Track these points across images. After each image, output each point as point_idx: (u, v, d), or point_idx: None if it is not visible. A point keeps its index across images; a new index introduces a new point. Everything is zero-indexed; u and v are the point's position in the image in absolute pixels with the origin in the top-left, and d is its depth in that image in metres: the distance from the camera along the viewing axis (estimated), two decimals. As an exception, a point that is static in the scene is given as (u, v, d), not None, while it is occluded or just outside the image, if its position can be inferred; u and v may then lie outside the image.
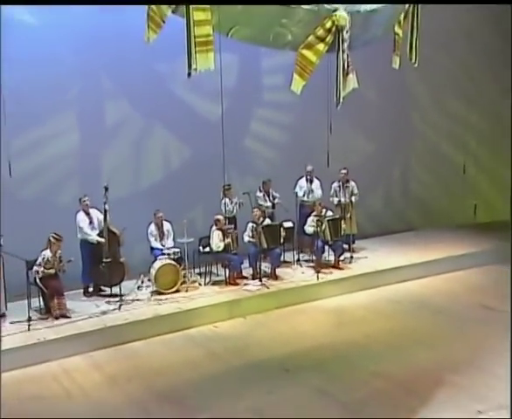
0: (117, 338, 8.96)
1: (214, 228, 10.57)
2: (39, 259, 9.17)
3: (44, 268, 9.19)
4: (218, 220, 10.58)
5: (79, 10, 10.04)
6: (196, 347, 8.86)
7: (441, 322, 9.32)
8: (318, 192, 11.71)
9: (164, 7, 5.83)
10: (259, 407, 6.98)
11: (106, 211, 9.79)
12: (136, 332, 9.12)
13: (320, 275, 10.79)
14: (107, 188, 9.67)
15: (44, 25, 10.13)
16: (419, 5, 7.24)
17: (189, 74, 5.88)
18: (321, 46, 6.13)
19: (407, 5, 7.08)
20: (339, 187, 11.76)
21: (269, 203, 11.36)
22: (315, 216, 11.19)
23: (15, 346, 8.48)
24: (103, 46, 10.32)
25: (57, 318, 9.22)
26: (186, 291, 10.28)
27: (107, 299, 10.00)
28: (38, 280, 9.19)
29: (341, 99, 6.44)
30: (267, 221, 10.98)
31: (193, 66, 5.87)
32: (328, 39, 6.10)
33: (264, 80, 12.19)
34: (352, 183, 11.76)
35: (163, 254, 10.33)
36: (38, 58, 9.97)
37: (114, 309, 9.62)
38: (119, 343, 8.89)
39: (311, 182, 11.69)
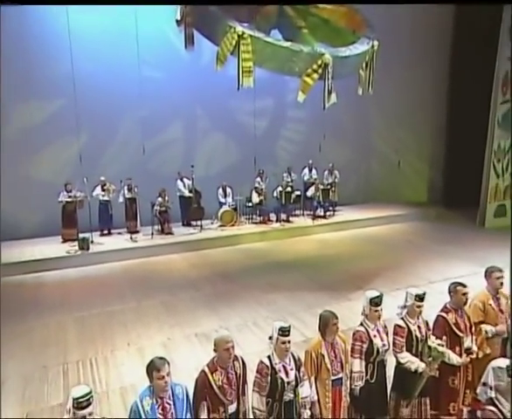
0: (198, 246, 9.18)
1: (253, 191, 10.56)
2: (157, 201, 9.33)
3: (160, 206, 9.38)
4: (255, 187, 10.56)
5: (186, 67, 10.02)
6: (241, 253, 9.03)
7: (382, 248, 9.21)
8: (314, 176, 11.33)
9: (226, 50, 5.88)
10: (273, 282, 7.21)
11: (193, 179, 9.82)
12: (208, 244, 9.28)
13: (314, 221, 10.69)
14: (192, 166, 9.77)
15: (168, 79, 10.11)
16: (375, 57, 6.96)
17: (238, 88, 5.94)
18: (315, 75, 6.05)
19: (368, 57, 6.85)
20: (328, 173, 11.49)
21: (290, 180, 10.95)
22: (315, 187, 10.99)
23: (145, 246, 8.93)
24: (196, 89, 10.14)
25: (166, 234, 9.48)
26: (238, 225, 10.27)
27: (194, 227, 10.09)
28: (156, 213, 9.40)
29: (326, 107, 6.41)
30: (288, 189, 10.70)
31: (241, 84, 5.95)
32: (319, 71, 6.03)
33: (287, 113, 11.80)
34: (336, 172, 11.33)
35: (226, 205, 10.32)
36: (164, 96, 9.96)
37: (197, 232, 9.79)
38: (199, 249, 9.13)
39: (311, 170, 11.39)
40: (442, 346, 3.24)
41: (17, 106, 9.10)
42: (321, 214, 11.15)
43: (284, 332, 2.96)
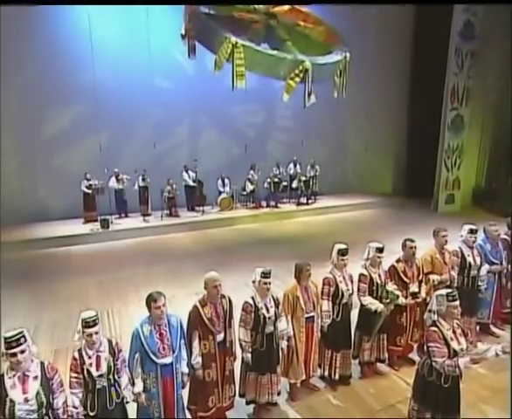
0: (200, 226, 9.06)
1: (247, 182, 10.41)
2: (166, 189, 9.19)
3: (168, 193, 9.22)
4: (249, 178, 10.40)
5: (191, 78, 9.89)
6: (236, 232, 8.94)
7: (353, 228, 9.12)
8: (298, 170, 10.99)
9: (222, 57, 5.73)
10: (263, 254, 7.09)
11: (196, 171, 9.66)
12: (209, 224, 9.20)
13: (298, 207, 10.62)
14: (196, 160, 9.61)
15: (176, 87, 9.84)
16: (347, 66, 6.69)
17: (232, 89, 5.82)
18: (297, 78, 5.79)
19: (341, 66, 6.72)
20: (310, 167, 11.19)
21: (278, 172, 10.74)
22: (297, 179, 10.88)
23: (155, 225, 8.79)
24: (199, 96, 9.76)
25: (173, 216, 9.34)
26: (234, 210, 10.12)
27: (197, 211, 9.85)
28: (165, 199, 9.26)
29: (306, 105, 6.27)
30: (276, 180, 10.52)
31: (235, 85, 5.82)
32: (300, 75, 5.81)
33: (276, 117, 11.57)
34: (317, 166, 11.12)
35: (224, 193, 10.14)
36: (172, 101, 9.68)
37: (200, 215, 9.64)
38: (201, 229, 9.02)
39: (295, 164, 11.05)
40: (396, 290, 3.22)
41: (52, 110, 9.04)
42: (304, 201, 11.05)
43: (265, 274, 2.93)
